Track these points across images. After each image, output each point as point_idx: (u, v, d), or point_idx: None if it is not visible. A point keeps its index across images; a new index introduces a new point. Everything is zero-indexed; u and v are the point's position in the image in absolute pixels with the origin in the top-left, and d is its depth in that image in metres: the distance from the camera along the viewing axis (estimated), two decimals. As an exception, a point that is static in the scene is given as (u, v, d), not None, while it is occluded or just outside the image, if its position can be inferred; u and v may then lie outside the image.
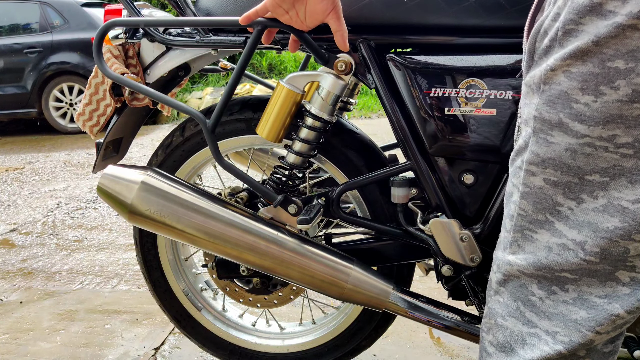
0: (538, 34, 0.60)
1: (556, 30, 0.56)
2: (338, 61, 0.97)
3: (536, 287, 0.63)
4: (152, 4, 4.34)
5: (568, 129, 0.56)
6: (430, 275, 1.90)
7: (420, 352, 1.50)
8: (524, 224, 0.64)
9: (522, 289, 0.64)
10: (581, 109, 0.54)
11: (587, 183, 0.57)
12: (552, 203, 0.60)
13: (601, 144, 0.54)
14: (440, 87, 0.93)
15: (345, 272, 1.02)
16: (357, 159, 1.09)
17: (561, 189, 0.59)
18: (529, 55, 0.62)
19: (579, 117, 0.55)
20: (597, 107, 0.53)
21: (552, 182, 0.59)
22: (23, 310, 1.86)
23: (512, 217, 0.65)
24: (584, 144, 0.55)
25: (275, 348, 1.30)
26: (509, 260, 0.65)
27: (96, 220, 2.90)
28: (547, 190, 0.60)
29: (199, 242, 1.02)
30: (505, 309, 0.66)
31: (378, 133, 4.65)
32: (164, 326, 1.70)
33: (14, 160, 4.65)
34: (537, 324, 0.63)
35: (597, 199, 0.56)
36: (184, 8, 1.13)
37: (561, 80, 0.56)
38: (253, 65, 8.26)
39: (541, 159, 0.59)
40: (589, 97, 0.54)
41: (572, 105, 0.55)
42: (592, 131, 0.54)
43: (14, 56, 5.76)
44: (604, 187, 0.56)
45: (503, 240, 0.68)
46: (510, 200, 0.66)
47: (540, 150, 0.59)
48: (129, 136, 1.29)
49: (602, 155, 0.55)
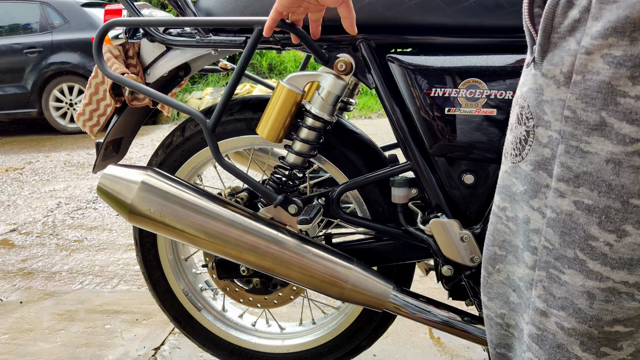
0: (558, 5, 0.45)
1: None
2: (338, 61, 0.97)
3: (579, 349, 0.49)
4: (152, 4, 4.35)
5: (612, 133, 0.43)
6: (430, 275, 1.90)
7: (420, 352, 1.50)
8: (549, 261, 0.50)
9: (561, 351, 0.50)
10: (631, 105, 0.41)
11: (634, 210, 0.43)
12: (583, 236, 0.46)
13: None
14: (440, 87, 0.93)
15: (345, 272, 1.02)
16: (357, 159, 1.09)
17: (597, 216, 0.45)
18: (543, 37, 0.48)
19: (628, 116, 0.42)
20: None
21: (586, 206, 0.46)
22: (23, 310, 1.86)
23: (534, 250, 0.52)
24: (634, 153, 0.42)
25: (275, 348, 1.30)
26: (541, 309, 0.51)
27: (96, 220, 2.90)
28: (578, 218, 0.46)
29: (199, 242, 1.02)
30: None
31: (378, 133, 4.65)
32: (164, 326, 1.70)
33: (14, 160, 4.65)
34: None
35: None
36: (184, 8, 1.13)
37: (600, 67, 0.42)
38: (253, 65, 8.26)
39: (574, 174, 0.46)
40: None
41: (617, 100, 0.42)
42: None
43: (14, 56, 5.75)
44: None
45: (524, 277, 0.54)
46: (527, 227, 0.52)
47: (573, 163, 0.46)
48: (129, 136, 1.29)
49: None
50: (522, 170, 0.52)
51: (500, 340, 0.62)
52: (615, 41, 0.40)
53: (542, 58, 0.48)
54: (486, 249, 0.62)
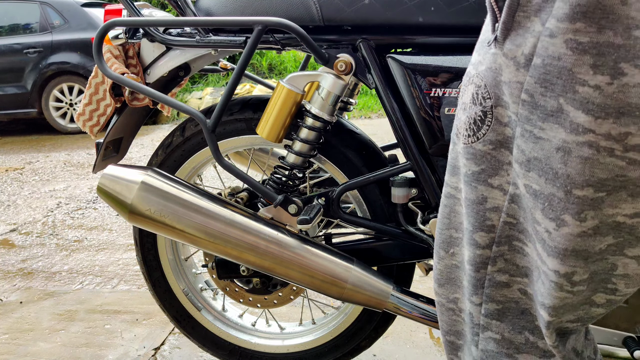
0: None
1: None
2: (338, 61, 0.97)
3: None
4: (152, 4, 4.34)
5: (567, 121, 0.41)
6: (430, 275, 1.90)
7: (420, 352, 1.50)
8: (512, 234, 0.50)
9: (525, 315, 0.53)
10: (589, 95, 0.40)
11: (575, 200, 0.43)
12: (531, 219, 0.47)
13: (607, 145, 0.40)
14: (440, 87, 0.93)
15: (345, 272, 1.02)
16: (357, 159, 1.09)
17: (540, 202, 0.45)
18: (507, 15, 0.45)
19: (584, 106, 0.40)
20: (611, 91, 0.39)
21: (533, 191, 0.46)
22: (23, 311, 1.86)
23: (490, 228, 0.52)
24: (584, 144, 0.41)
25: (275, 348, 1.30)
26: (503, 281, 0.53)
27: (96, 220, 2.90)
28: (527, 201, 0.47)
29: (199, 242, 1.02)
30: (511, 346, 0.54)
31: (378, 133, 4.65)
32: (164, 326, 1.70)
33: (14, 160, 4.65)
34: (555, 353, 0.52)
35: (584, 221, 0.43)
36: (184, 8, 1.13)
37: (562, 52, 0.40)
38: (253, 65, 8.26)
39: (526, 157, 0.45)
40: (602, 78, 0.39)
41: (576, 88, 0.40)
42: (599, 125, 0.40)
43: (14, 56, 5.75)
44: (597, 206, 0.42)
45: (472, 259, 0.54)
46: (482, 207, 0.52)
47: (526, 147, 0.45)
48: (129, 136, 1.29)
49: (603, 162, 0.41)
50: (477, 151, 0.51)
51: (451, 327, 0.62)
52: (583, 27, 0.38)
53: (505, 37, 0.46)
54: (440, 233, 0.60)
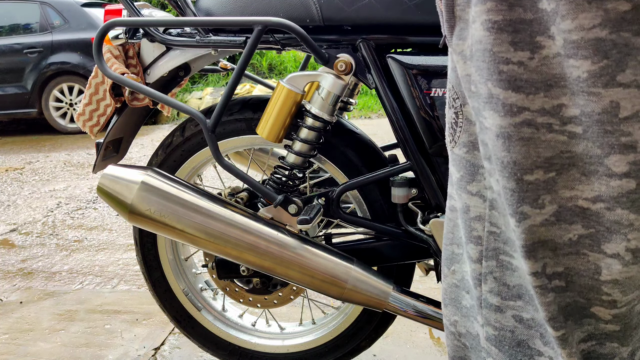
0: None
1: None
2: (338, 61, 0.97)
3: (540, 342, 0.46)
4: (152, 4, 4.34)
5: (499, 105, 0.40)
6: (430, 275, 1.90)
7: (420, 352, 1.50)
8: (498, 247, 0.47)
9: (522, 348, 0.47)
10: (515, 71, 0.39)
11: (528, 187, 0.40)
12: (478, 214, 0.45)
13: (544, 120, 0.39)
14: (440, 87, 0.93)
15: (345, 272, 1.02)
16: (357, 159, 1.09)
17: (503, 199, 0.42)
18: (447, 12, 0.45)
19: (513, 84, 0.39)
20: (535, 65, 0.38)
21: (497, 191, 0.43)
22: (23, 311, 1.86)
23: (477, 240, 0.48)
24: (522, 124, 0.39)
25: (275, 348, 1.30)
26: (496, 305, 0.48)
27: (96, 220, 2.90)
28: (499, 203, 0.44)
29: (199, 242, 1.02)
30: None
31: (378, 133, 4.65)
32: (164, 326, 1.70)
33: (14, 160, 4.65)
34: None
35: (543, 207, 0.41)
36: (184, 8, 1.13)
37: (482, 35, 0.40)
38: (253, 65, 8.26)
39: (488, 153, 0.43)
40: (523, 54, 0.38)
41: (501, 68, 0.39)
42: (531, 102, 0.39)
43: (14, 56, 5.76)
44: (551, 188, 0.40)
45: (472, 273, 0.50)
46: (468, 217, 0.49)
47: (484, 139, 0.44)
48: (129, 136, 1.29)
49: (545, 139, 0.39)
50: (456, 156, 0.49)
51: (455, 353, 0.57)
52: (494, 5, 0.38)
53: (451, 34, 0.45)
54: (444, 249, 0.57)
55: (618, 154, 0.37)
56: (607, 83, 0.36)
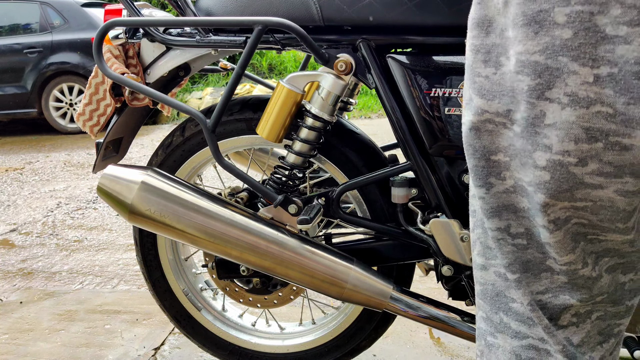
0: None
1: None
2: (338, 61, 0.97)
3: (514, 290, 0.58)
4: (152, 4, 4.34)
5: (472, 106, 0.55)
6: (430, 275, 1.90)
7: (420, 352, 1.50)
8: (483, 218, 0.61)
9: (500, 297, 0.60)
10: (482, 83, 0.53)
11: (494, 164, 0.55)
12: (473, 193, 0.59)
13: (499, 120, 0.53)
14: (440, 87, 0.93)
15: (345, 272, 1.02)
16: (357, 159, 1.09)
17: (472, 176, 0.57)
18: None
19: (479, 92, 0.53)
20: (496, 79, 0.52)
21: (470, 166, 0.57)
22: (23, 311, 1.86)
23: (473, 213, 0.64)
24: (486, 121, 0.54)
25: (275, 348, 1.30)
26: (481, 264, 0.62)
27: (96, 220, 2.90)
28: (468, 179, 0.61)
29: (199, 242, 1.02)
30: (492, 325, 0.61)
31: (378, 133, 4.65)
32: (164, 326, 1.70)
33: (14, 160, 4.65)
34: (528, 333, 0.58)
35: (505, 180, 0.54)
36: (184, 8, 1.13)
37: (467, 54, 0.55)
38: (253, 65, 8.26)
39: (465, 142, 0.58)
40: (490, 70, 0.52)
41: (475, 79, 0.54)
42: (489, 106, 0.53)
43: (14, 56, 5.76)
44: (508, 167, 0.54)
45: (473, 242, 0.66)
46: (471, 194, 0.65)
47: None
48: (129, 136, 1.29)
49: (502, 132, 0.53)
50: None
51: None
52: (477, 33, 0.53)
53: None
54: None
55: (541, 151, 0.50)
56: (539, 96, 0.48)
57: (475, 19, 0.53)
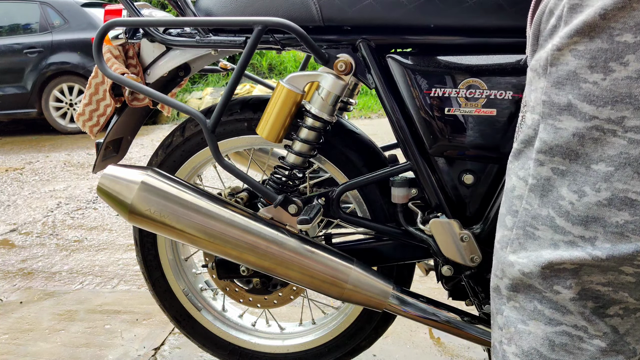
0: (543, 14, 0.58)
1: (562, 8, 0.54)
2: (338, 61, 0.97)
3: (545, 282, 0.59)
4: (152, 4, 4.34)
5: (577, 112, 0.53)
6: (430, 275, 1.90)
7: (420, 352, 1.50)
8: (527, 220, 0.60)
9: (533, 288, 0.61)
10: (590, 89, 0.52)
11: (592, 173, 0.53)
12: (556, 196, 0.57)
13: (609, 127, 0.51)
14: (440, 87, 0.93)
15: (345, 272, 1.02)
16: (357, 159, 1.09)
17: (567, 179, 0.56)
18: (533, 39, 0.60)
19: (587, 98, 0.52)
20: (606, 85, 0.51)
21: (560, 171, 0.56)
22: (23, 311, 1.86)
23: (515, 213, 0.62)
24: (592, 128, 0.52)
25: (275, 348, 1.30)
26: (511, 261, 0.62)
27: (96, 220, 2.90)
28: (554, 182, 0.57)
29: (199, 242, 1.02)
30: (524, 313, 0.62)
31: (378, 133, 4.65)
32: (164, 326, 1.70)
33: (14, 160, 4.65)
34: (562, 320, 0.59)
35: (599, 191, 0.53)
36: (184, 8, 1.13)
37: (569, 59, 0.53)
38: (253, 65, 8.26)
39: (549, 146, 0.56)
40: (597, 75, 0.51)
41: (580, 85, 0.53)
42: (600, 112, 0.52)
43: (14, 56, 5.76)
44: (608, 178, 0.53)
45: (502, 238, 0.65)
46: (512, 195, 0.63)
47: (548, 137, 0.56)
48: (129, 136, 1.29)
49: (610, 141, 0.52)
50: (515, 149, 0.64)
51: None
52: (579, 39, 0.52)
53: (532, 57, 0.60)
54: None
55: None
56: None
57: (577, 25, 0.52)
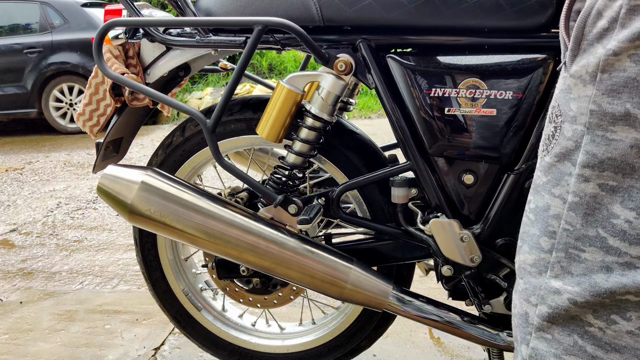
0: (589, 16, 0.53)
1: (617, 9, 0.49)
2: (338, 61, 0.97)
3: (592, 316, 0.54)
4: (152, 4, 4.34)
5: (636, 122, 0.49)
6: (430, 275, 1.90)
7: (420, 352, 1.50)
8: (569, 242, 0.55)
9: (575, 321, 0.55)
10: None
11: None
12: (606, 214, 0.52)
13: None
14: (440, 87, 0.93)
15: (345, 272, 1.02)
16: (357, 159, 1.09)
17: (620, 196, 0.51)
18: (574, 44, 0.55)
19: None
20: None
21: (610, 187, 0.51)
22: (23, 311, 1.86)
23: (552, 234, 0.57)
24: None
25: (275, 348, 1.30)
26: (556, 288, 0.56)
27: (96, 220, 2.90)
28: (602, 199, 0.52)
29: (199, 242, 1.02)
30: (560, 347, 0.56)
31: (378, 133, 4.65)
32: (164, 326, 1.70)
33: (14, 160, 4.66)
34: (605, 358, 0.54)
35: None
36: (184, 8, 1.13)
37: (627, 65, 0.49)
38: (253, 65, 8.26)
39: (599, 160, 0.52)
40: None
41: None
42: None
43: (14, 56, 5.76)
44: None
45: (538, 262, 0.59)
46: (547, 214, 0.58)
47: (598, 150, 0.52)
48: (129, 136, 1.29)
49: None
50: (546, 163, 0.58)
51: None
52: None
53: (572, 62, 0.55)
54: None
55: None
56: None
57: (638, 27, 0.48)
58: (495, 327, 1.02)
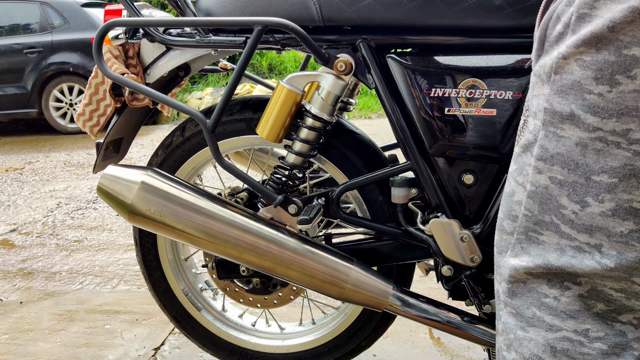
0: (550, 19, 0.56)
1: (570, 16, 0.53)
2: (338, 61, 0.97)
3: (546, 287, 0.59)
4: (152, 4, 4.34)
5: (580, 122, 0.52)
6: (430, 275, 1.90)
7: (420, 352, 1.50)
8: (528, 225, 0.60)
9: (532, 293, 0.60)
10: (595, 100, 0.51)
11: (594, 185, 0.53)
12: (556, 205, 0.56)
13: (614, 139, 0.51)
14: (440, 87, 0.93)
15: (345, 272, 1.02)
16: (357, 159, 1.09)
17: (566, 189, 0.55)
18: (539, 44, 0.59)
19: (592, 109, 0.51)
20: (612, 97, 0.50)
21: (558, 181, 0.55)
22: (23, 311, 1.86)
23: (514, 218, 0.62)
24: (596, 139, 0.52)
25: (275, 348, 1.30)
26: (513, 265, 0.61)
27: (96, 220, 2.90)
28: (552, 190, 0.56)
29: (199, 242, 1.02)
30: (522, 320, 0.61)
31: (378, 133, 4.65)
32: (164, 326, 1.70)
33: (14, 160, 4.65)
34: (562, 326, 0.58)
35: (603, 202, 0.53)
36: (184, 8, 1.13)
37: (574, 69, 0.52)
38: (253, 65, 8.26)
39: (550, 154, 0.56)
40: (603, 87, 0.50)
41: (585, 96, 0.52)
42: (605, 124, 0.51)
43: (14, 56, 5.76)
44: (612, 189, 0.52)
45: (501, 243, 0.64)
46: (511, 199, 0.62)
47: (550, 145, 0.56)
48: (129, 136, 1.29)
49: (613, 152, 0.51)
50: (515, 153, 0.63)
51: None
52: (586, 49, 0.51)
53: (536, 61, 0.59)
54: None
55: None
56: None
57: (583, 34, 0.51)
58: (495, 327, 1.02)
